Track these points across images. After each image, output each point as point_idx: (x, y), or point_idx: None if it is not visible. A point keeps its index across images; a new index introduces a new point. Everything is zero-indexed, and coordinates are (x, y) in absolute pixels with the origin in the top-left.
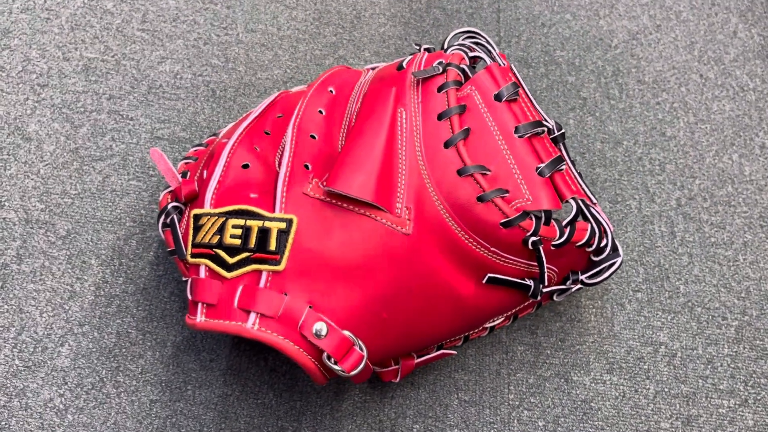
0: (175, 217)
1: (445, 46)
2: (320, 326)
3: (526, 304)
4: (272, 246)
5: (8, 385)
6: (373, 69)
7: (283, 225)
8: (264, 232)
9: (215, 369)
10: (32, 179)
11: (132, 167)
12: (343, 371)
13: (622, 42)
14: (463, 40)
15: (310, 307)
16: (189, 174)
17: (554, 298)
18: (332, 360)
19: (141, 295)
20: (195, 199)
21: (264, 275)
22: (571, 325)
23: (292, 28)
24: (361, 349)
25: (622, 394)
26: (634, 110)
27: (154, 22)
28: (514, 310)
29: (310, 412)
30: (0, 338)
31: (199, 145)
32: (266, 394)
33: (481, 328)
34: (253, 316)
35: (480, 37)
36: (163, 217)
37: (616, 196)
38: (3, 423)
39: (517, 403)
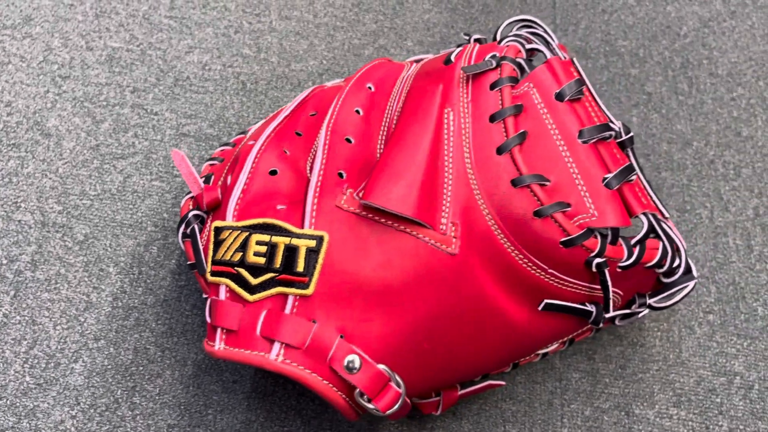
0: (196, 227)
1: (498, 37)
2: (352, 359)
3: (585, 328)
4: (300, 267)
5: (18, 404)
6: (417, 62)
7: (312, 243)
8: (291, 251)
9: (238, 392)
10: (50, 178)
11: (155, 166)
12: (378, 410)
13: (693, 30)
14: (517, 29)
15: (341, 336)
16: (213, 178)
17: (616, 322)
18: (365, 397)
19: (161, 308)
20: (218, 207)
21: (290, 300)
22: (633, 350)
23: (329, 15)
24: (398, 385)
25: (690, 430)
26: (706, 107)
27: (182, 9)
28: (570, 336)
29: None
30: (11, 352)
31: (226, 144)
32: (293, 421)
33: (532, 354)
34: (277, 345)
35: (537, 27)
36: (183, 226)
37: (684, 204)
38: None
39: None
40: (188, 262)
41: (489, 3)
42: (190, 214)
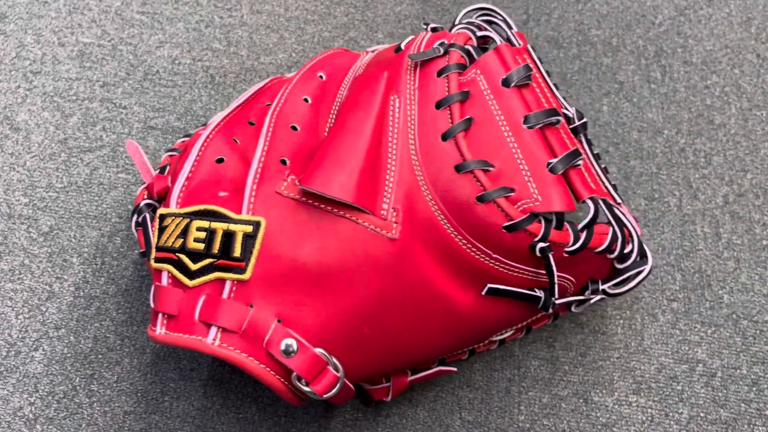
0: (147, 215)
1: (456, 24)
2: (289, 343)
3: (540, 315)
4: (237, 252)
5: None
6: (373, 51)
7: (249, 228)
8: (229, 236)
9: (195, 379)
10: (18, 171)
11: (122, 159)
12: (315, 394)
13: (668, 19)
14: (476, 18)
15: (278, 321)
16: (169, 168)
17: (572, 309)
18: (303, 381)
19: (122, 297)
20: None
21: (228, 284)
22: (594, 337)
23: (300, 9)
24: (336, 369)
25: (649, 418)
26: (678, 95)
27: (154, 4)
28: (525, 322)
29: (295, 429)
30: None
31: (187, 135)
32: (249, 408)
33: (488, 341)
34: (214, 330)
35: (495, 15)
36: (135, 215)
37: (652, 192)
38: None
39: (527, 425)
40: (140, 251)
41: None
42: (142, 203)
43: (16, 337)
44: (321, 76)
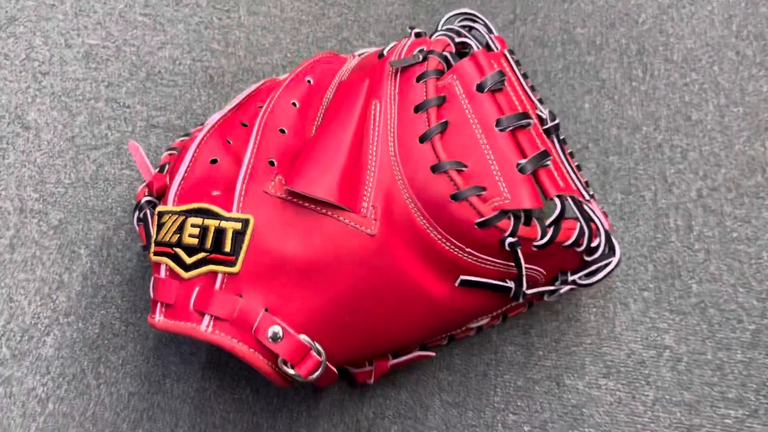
0: (148, 211)
1: (438, 30)
2: (276, 330)
3: (515, 303)
4: (227, 247)
5: None
6: (360, 55)
7: (238, 225)
8: (220, 233)
9: (195, 362)
10: (28, 168)
11: (125, 156)
12: (299, 376)
13: (651, 17)
14: (459, 22)
15: (266, 310)
16: (168, 166)
17: (545, 298)
18: (288, 364)
19: (126, 286)
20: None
21: (220, 277)
22: (568, 324)
23: (295, 10)
24: (318, 353)
25: (617, 400)
26: (658, 92)
27: (156, 6)
28: (501, 310)
29: (286, 408)
30: None
31: (186, 134)
32: (243, 390)
33: (465, 327)
34: (207, 318)
35: (476, 19)
36: (137, 211)
37: (629, 187)
38: None
39: (502, 406)
40: (141, 245)
41: None
42: (143, 200)
43: (29, 323)
44: (309, 81)
